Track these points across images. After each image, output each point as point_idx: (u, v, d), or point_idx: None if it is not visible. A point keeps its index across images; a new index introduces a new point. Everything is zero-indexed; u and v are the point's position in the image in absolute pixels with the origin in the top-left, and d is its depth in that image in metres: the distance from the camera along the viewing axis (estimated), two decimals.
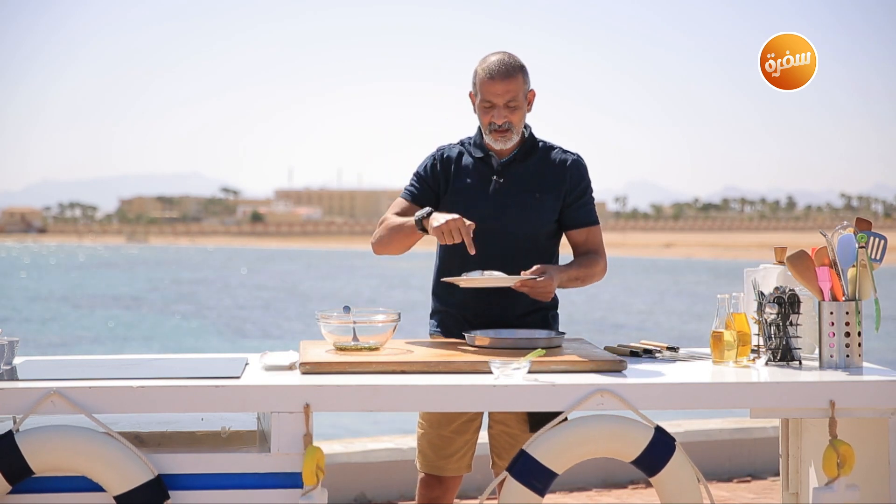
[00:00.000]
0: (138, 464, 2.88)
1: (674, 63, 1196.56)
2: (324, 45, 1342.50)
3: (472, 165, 3.55)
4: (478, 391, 2.95)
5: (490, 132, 3.48)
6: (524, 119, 3.52)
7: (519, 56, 3.52)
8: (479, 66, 3.49)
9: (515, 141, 3.50)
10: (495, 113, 3.45)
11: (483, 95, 3.46)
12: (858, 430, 3.17)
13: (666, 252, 75.13)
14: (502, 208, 3.48)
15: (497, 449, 3.49)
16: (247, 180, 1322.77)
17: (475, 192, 3.51)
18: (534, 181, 3.52)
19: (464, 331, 3.46)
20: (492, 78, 3.44)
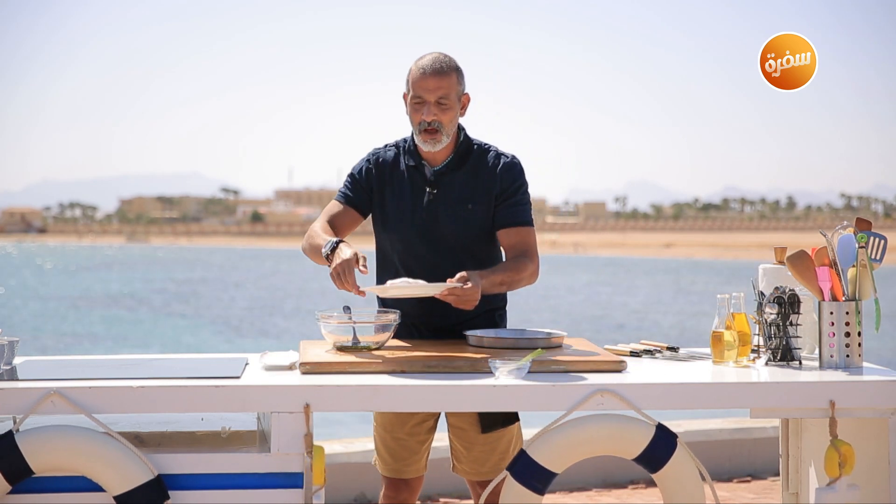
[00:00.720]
0: (138, 464, 2.88)
1: (674, 63, 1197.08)
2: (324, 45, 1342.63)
3: (406, 174, 3.49)
4: (478, 391, 2.95)
5: (420, 132, 3.40)
6: (455, 122, 3.44)
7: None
8: (413, 64, 3.43)
9: (445, 144, 3.42)
10: (425, 110, 3.38)
11: (414, 91, 3.39)
12: (858, 430, 3.17)
13: (666, 252, 75.14)
14: (435, 221, 3.44)
15: (456, 453, 3.50)
16: (247, 180, 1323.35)
17: (409, 202, 3.46)
18: (466, 191, 3.46)
19: (411, 335, 3.47)
20: (424, 74, 3.38)
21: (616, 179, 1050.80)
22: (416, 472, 3.52)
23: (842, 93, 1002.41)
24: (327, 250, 3.25)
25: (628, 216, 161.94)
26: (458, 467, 3.51)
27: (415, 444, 3.49)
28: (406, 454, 3.49)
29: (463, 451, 3.47)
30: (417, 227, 3.44)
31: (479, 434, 3.42)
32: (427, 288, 3.17)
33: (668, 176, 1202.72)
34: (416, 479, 3.54)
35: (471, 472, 3.47)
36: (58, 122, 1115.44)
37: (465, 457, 3.47)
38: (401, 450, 3.49)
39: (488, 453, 3.44)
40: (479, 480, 3.48)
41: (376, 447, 3.54)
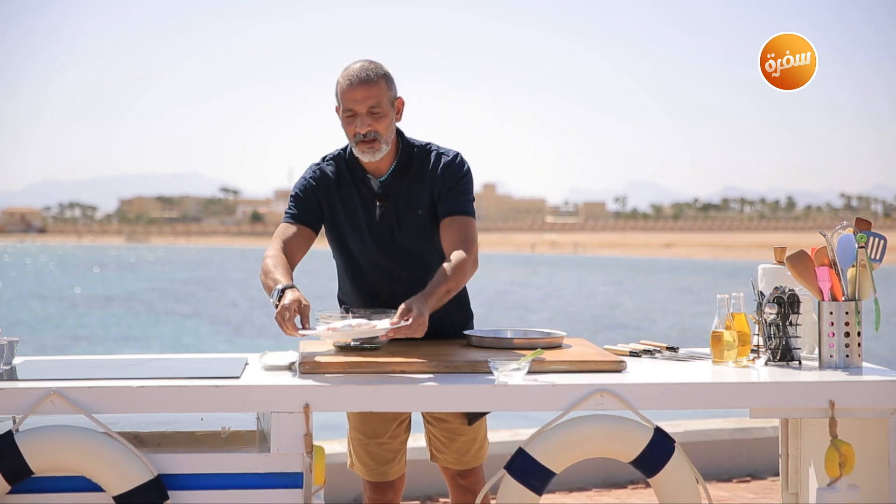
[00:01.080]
0: (137, 464, 2.88)
1: (674, 63, 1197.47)
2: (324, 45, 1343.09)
3: (354, 189, 3.43)
4: (478, 391, 2.95)
5: (356, 144, 3.33)
6: (392, 128, 3.36)
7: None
8: (340, 76, 3.35)
9: (385, 151, 3.35)
10: (358, 122, 3.30)
11: (344, 104, 3.31)
12: (858, 430, 3.17)
13: (666, 252, 75.16)
14: (391, 233, 3.40)
15: (436, 443, 3.52)
16: (246, 180, 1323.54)
17: (362, 219, 3.41)
18: (414, 196, 3.41)
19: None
20: (351, 85, 3.29)
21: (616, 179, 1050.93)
22: (398, 472, 3.55)
23: (842, 93, 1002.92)
24: (274, 300, 3.13)
25: (628, 216, 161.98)
26: (438, 458, 3.54)
27: (397, 444, 3.52)
28: (390, 456, 3.52)
29: (445, 443, 3.50)
30: (375, 240, 3.41)
31: (463, 426, 3.45)
32: (370, 330, 3.06)
33: (668, 176, 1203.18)
34: (400, 479, 3.58)
35: (453, 461, 3.51)
36: (58, 122, 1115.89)
37: (447, 448, 3.50)
38: (385, 454, 3.51)
39: (470, 442, 3.50)
40: (460, 470, 3.52)
41: (356, 454, 3.54)
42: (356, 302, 3.50)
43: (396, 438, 3.52)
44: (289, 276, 3.23)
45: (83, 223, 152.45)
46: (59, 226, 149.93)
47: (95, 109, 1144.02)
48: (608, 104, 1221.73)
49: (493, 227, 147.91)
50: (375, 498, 3.56)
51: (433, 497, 5.45)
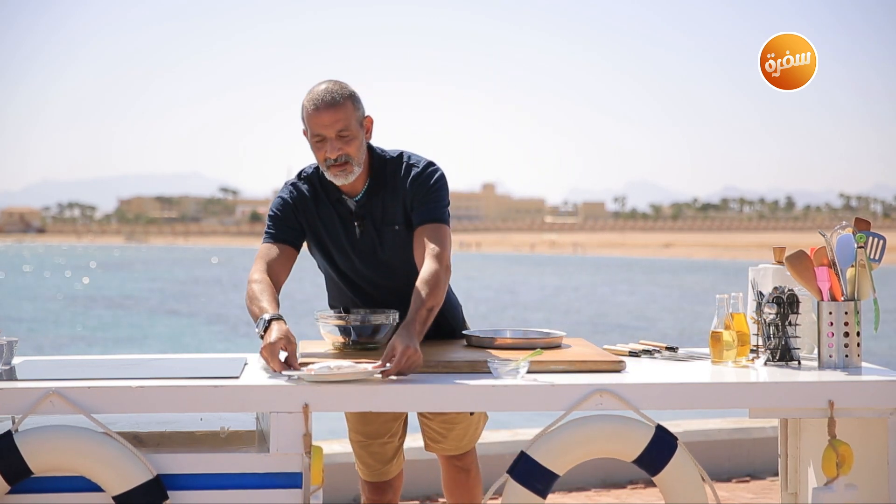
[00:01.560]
0: (137, 464, 2.88)
1: (674, 63, 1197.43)
2: (324, 45, 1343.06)
3: (331, 208, 3.39)
4: (477, 391, 2.95)
5: (328, 168, 3.26)
6: (363, 149, 3.29)
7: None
8: (304, 99, 3.27)
9: (357, 173, 3.28)
10: (328, 147, 3.22)
11: (312, 129, 3.24)
12: (857, 430, 3.17)
13: (665, 252, 75.17)
14: (373, 250, 3.38)
15: (432, 434, 3.54)
16: (246, 180, 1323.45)
17: (344, 238, 3.39)
18: (389, 212, 3.36)
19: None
20: (317, 109, 3.21)
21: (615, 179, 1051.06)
22: (398, 470, 3.59)
23: (842, 93, 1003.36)
24: (260, 330, 3.09)
25: (627, 216, 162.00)
26: (434, 447, 3.57)
27: (397, 442, 3.56)
28: (390, 456, 3.55)
29: (442, 433, 3.53)
30: (359, 257, 3.40)
31: (460, 415, 3.48)
32: (357, 373, 2.95)
33: (668, 176, 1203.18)
34: (398, 477, 3.60)
35: (451, 448, 3.54)
36: (57, 122, 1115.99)
37: (444, 437, 3.53)
38: (385, 454, 3.54)
39: (466, 428, 3.53)
40: (457, 454, 3.56)
41: (357, 456, 3.56)
42: (351, 305, 3.48)
43: (395, 439, 3.54)
44: (275, 303, 3.17)
45: (82, 223, 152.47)
46: (58, 226, 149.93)
47: (95, 109, 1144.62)
48: (608, 104, 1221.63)
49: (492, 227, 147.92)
50: (375, 498, 3.57)
51: (433, 497, 5.45)
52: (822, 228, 3.41)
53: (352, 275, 3.44)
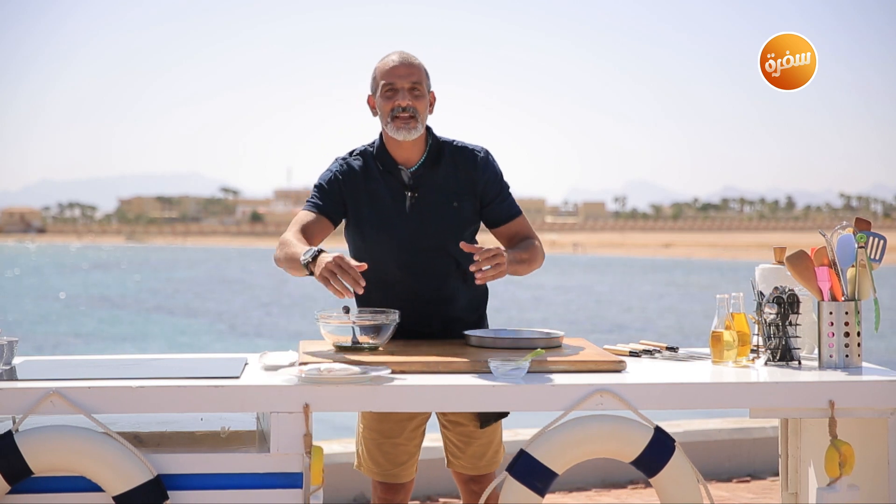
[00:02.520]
0: (137, 464, 2.88)
1: (674, 63, 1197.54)
2: (324, 45, 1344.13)
3: (381, 181, 3.42)
4: (477, 391, 2.95)
5: (392, 119, 3.33)
6: (427, 114, 3.39)
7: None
8: (378, 62, 3.41)
9: (420, 132, 3.36)
10: (399, 96, 3.32)
11: (387, 80, 3.34)
12: (858, 430, 3.17)
13: (665, 252, 75.16)
14: (423, 224, 3.39)
15: (452, 448, 3.49)
16: (246, 180, 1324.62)
17: (391, 210, 3.40)
18: (448, 188, 3.42)
19: (397, 338, 3.42)
20: (395, 64, 3.36)
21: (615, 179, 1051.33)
22: (410, 475, 3.52)
23: (842, 93, 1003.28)
24: (308, 257, 3.12)
25: (627, 216, 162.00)
26: (454, 463, 3.50)
27: (412, 448, 3.49)
28: (404, 458, 3.48)
29: (461, 447, 3.47)
30: (403, 234, 3.38)
31: (477, 429, 3.43)
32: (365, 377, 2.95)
33: (668, 176, 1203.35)
34: (410, 482, 3.54)
35: (469, 466, 3.47)
36: (57, 122, 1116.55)
37: (462, 452, 3.47)
38: (398, 455, 3.47)
39: (486, 447, 3.46)
40: (475, 475, 3.48)
41: (369, 453, 3.49)
42: (374, 302, 3.44)
43: (412, 441, 3.47)
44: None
45: (83, 223, 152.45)
46: (58, 226, 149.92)
47: (95, 109, 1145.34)
48: (608, 104, 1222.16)
49: None
50: (385, 498, 3.51)
51: (433, 497, 5.46)
52: (823, 228, 3.41)
53: (387, 259, 3.39)
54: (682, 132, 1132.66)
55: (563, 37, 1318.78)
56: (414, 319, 3.42)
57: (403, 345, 3.37)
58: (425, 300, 3.43)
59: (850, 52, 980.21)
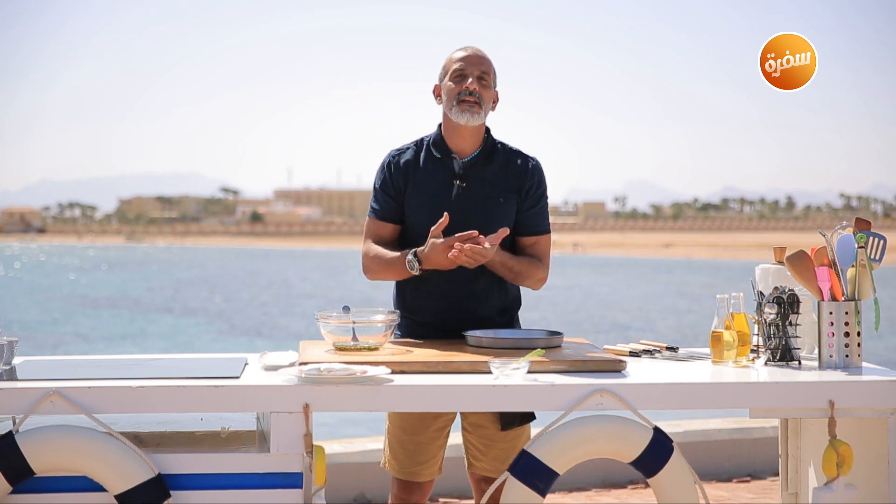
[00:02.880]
0: (139, 462, 2.88)
1: (674, 63, 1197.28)
2: (324, 45, 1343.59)
3: (431, 168, 3.48)
4: (477, 391, 2.95)
5: (458, 102, 3.41)
6: (489, 106, 3.47)
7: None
8: (451, 53, 3.51)
9: (482, 120, 3.43)
10: (469, 80, 3.41)
11: (456, 66, 3.44)
12: (858, 430, 3.17)
13: (665, 252, 75.16)
14: (466, 213, 3.43)
15: (473, 451, 3.49)
16: (246, 180, 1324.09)
17: (437, 197, 3.45)
18: (497, 184, 3.47)
19: (428, 336, 3.47)
20: (467, 53, 3.46)
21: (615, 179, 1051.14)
22: (429, 476, 3.50)
23: (842, 93, 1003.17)
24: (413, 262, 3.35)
25: (627, 216, 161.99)
26: (475, 465, 3.48)
27: (434, 448, 3.48)
28: (424, 457, 3.47)
29: (482, 449, 3.46)
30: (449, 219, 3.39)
31: (498, 432, 3.42)
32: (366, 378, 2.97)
33: (668, 176, 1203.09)
34: (428, 483, 3.52)
35: (491, 469, 3.45)
36: (57, 122, 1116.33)
37: (484, 455, 3.46)
38: (419, 453, 3.46)
39: (509, 451, 3.43)
40: (492, 477, 3.45)
41: (391, 449, 3.50)
42: (406, 300, 3.50)
43: (434, 442, 3.47)
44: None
45: (83, 223, 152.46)
46: (58, 226, 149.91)
47: (95, 109, 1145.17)
48: (608, 104, 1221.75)
49: None
50: (401, 496, 3.51)
51: (433, 498, 5.46)
52: (823, 228, 3.41)
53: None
54: (682, 132, 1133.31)
55: (563, 37, 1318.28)
56: (446, 309, 3.47)
57: (403, 345, 3.37)
58: (456, 296, 3.46)
59: (850, 52, 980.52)
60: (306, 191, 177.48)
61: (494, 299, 3.50)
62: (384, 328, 3.28)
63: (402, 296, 3.53)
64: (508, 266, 3.41)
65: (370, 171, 3.87)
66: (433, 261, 3.32)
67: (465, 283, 3.45)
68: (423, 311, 3.49)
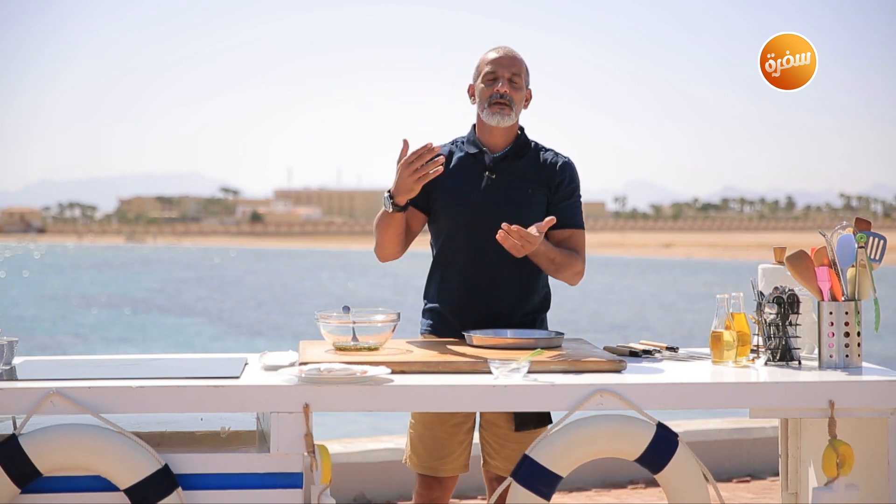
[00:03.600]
0: (144, 455, 2.88)
1: (674, 63, 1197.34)
2: (324, 45, 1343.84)
3: (463, 161, 3.55)
4: (477, 391, 2.95)
5: (490, 105, 3.48)
6: (521, 106, 3.53)
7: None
8: (484, 54, 3.56)
9: (513, 121, 3.50)
10: (499, 83, 3.47)
11: (488, 68, 3.50)
12: (858, 430, 3.17)
13: (665, 252, 75.16)
14: (494, 203, 3.48)
15: (488, 449, 3.50)
16: (246, 180, 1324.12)
17: (467, 186, 3.51)
18: (526, 178, 3.52)
19: (455, 330, 3.48)
20: (499, 55, 3.51)
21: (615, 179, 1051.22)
22: (451, 472, 3.49)
23: (842, 93, 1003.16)
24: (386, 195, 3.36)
25: (627, 216, 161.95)
26: (490, 463, 3.49)
27: (454, 443, 3.47)
28: (443, 452, 3.47)
29: (496, 447, 3.47)
30: (473, 210, 3.47)
31: (511, 432, 3.43)
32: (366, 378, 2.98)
33: (668, 176, 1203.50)
34: (451, 479, 3.52)
35: (503, 468, 3.45)
36: (57, 122, 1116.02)
37: (497, 454, 3.47)
38: (438, 448, 3.46)
39: (521, 451, 3.43)
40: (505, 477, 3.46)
41: (412, 444, 3.51)
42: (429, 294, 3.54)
43: (453, 437, 3.47)
44: None
45: (83, 223, 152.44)
46: (58, 226, 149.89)
47: (95, 109, 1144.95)
48: (608, 104, 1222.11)
49: None
50: (424, 493, 3.51)
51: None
52: (823, 228, 3.41)
53: (454, 237, 3.49)
54: (682, 132, 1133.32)
55: (563, 37, 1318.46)
56: (466, 301, 3.49)
57: (404, 345, 3.37)
58: (480, 289, 3.48)
59: (850, 52, 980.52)
60: (306, 191, 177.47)
61: (516, 292, 3.51)
62: (384, 328, 3.28)
63: (431, 286, 3.58)
64: (551, 257, 3.42)
65: (370, 171, 3.90)
66: (401, 186, 3.33)
67: (491, 264, 3.46)
68: (451, 304, 3.52)
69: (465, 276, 3.50)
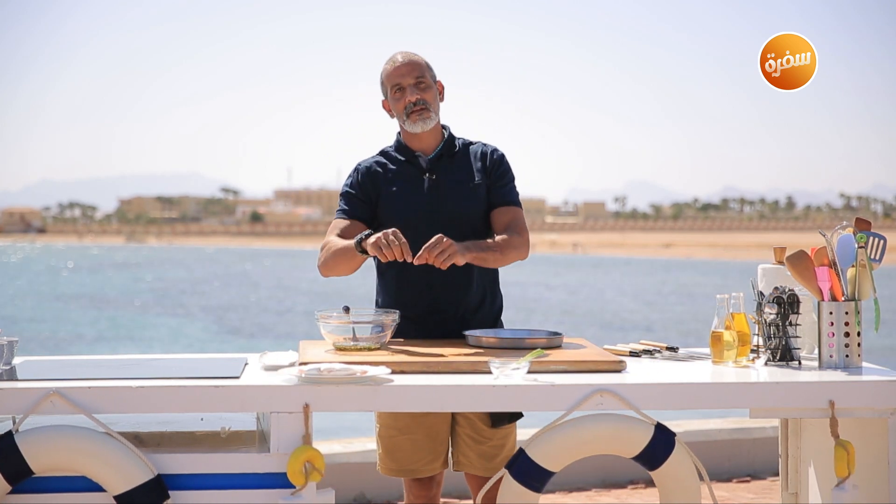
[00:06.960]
0: (138, 463, 2.88)
1: (674, 63, 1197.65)
2: (324, 45, 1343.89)
3: (400, 170, 3.57)
4: (477, 391, 2.95)
5: (408, 116, 3.51)
6: (438, 103, 3.57)
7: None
8: (382, 67, 3.59)
9: (435, 122, 3.54)
10: (408, 92, 3.50)
11: (392, 82, 3.53)
12: (858, 430, 3.17)
13: (665, 252, 75.17)
14: (440, 200, 3.51)
15: (463, 447, 3.48)
16: (246, 180, 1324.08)
17: (410, 191, 3.53)
18: (464, 172, 3.57)
19: (407, 331, 3.47)
20: (395, 64, 3.54)
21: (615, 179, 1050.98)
22: (435, 469, 3.49)
23: (842, 93, 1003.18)
24: (362, 236, 3.32)
25: (628, 216, 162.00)
26: (464, 463, 3.48)
27: (433, 444, 3.47)
28: (423, 453, 3.46)
29: (471, 445, 3.46)
30: (423, 210, 3.49)
31: (488, 428, 3.43)
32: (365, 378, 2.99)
33: (668, 176, 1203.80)
34: (438, 476, 3.53)
35: (479, 467, 3.45)
36: (57, 122, 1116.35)
37: (472, 450, 3.46)
38: (417, 450, 3.46)
39: (498, 448, 3.45)
40: (485, 476, 3.46)
41: (386, 450, 3.49)
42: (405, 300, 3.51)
43: (433, 439, 3.46)
44: None
45: (83, 223, 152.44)
46: (58, 226, 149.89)
47: (95, 109, 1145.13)
48: (608, 104, 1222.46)
49: None
50: (419, 493, 3.51)
51: None
52: (823, 228, 3.41)
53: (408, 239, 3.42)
54: (682, 132, 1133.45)
55: (563, 37, 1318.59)
56: (428, 304, 3.49)
57: (403, 345, 3.37)
58: (440, 287, 3.49)
59: (850, 52, 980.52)
60: (306, 191, 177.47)
61: (476, 286, 3.53)
62: (384, 328, 3.28)
63: (379, 297, 3.59)
64: (490, 243, 3.44)
65: None
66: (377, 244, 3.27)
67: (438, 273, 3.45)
68: (404, 303, 3.51)
69: (426, 285, 3.49)
